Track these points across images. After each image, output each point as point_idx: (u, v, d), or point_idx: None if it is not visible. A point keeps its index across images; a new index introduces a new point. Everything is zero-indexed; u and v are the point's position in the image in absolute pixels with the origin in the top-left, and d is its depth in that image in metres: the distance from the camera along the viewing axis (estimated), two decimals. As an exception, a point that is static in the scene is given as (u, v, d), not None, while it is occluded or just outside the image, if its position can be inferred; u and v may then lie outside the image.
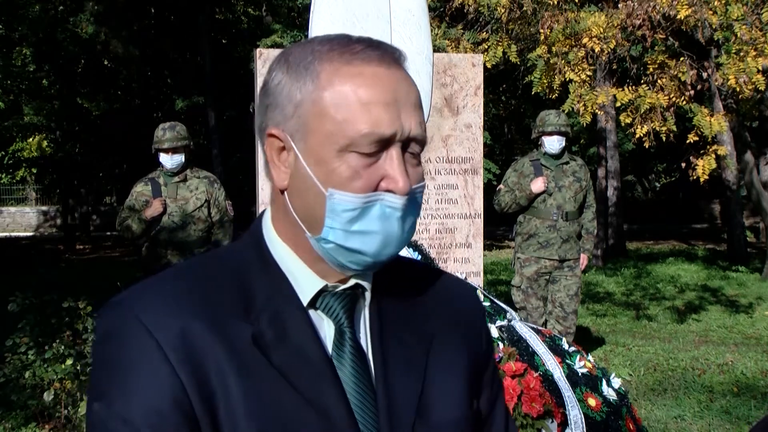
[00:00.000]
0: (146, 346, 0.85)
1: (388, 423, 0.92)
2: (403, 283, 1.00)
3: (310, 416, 0.87)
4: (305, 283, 0.93)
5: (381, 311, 0.97)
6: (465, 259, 4.58)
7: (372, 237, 0.88)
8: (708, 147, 7.01)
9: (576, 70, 6.70)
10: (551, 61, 6.78)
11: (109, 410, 0.85)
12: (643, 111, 6.77)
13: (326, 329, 0.93)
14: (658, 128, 6.81)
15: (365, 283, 0.95)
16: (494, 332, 3.24)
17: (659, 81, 6.95)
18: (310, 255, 0.93)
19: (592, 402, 3.04)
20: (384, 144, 0.87)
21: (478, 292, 3.59)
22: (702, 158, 6.95)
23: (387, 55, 0.90)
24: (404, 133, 0.88)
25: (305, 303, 0.92)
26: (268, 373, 0.87)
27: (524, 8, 6.90)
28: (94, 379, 0.88)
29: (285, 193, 0.93)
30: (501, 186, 5.73)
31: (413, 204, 0.91)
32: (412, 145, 0.90)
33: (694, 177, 7.01)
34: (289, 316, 0.91)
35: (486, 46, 7.32)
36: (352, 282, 0.94)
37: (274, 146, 0.92)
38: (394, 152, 0.88)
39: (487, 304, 3.49)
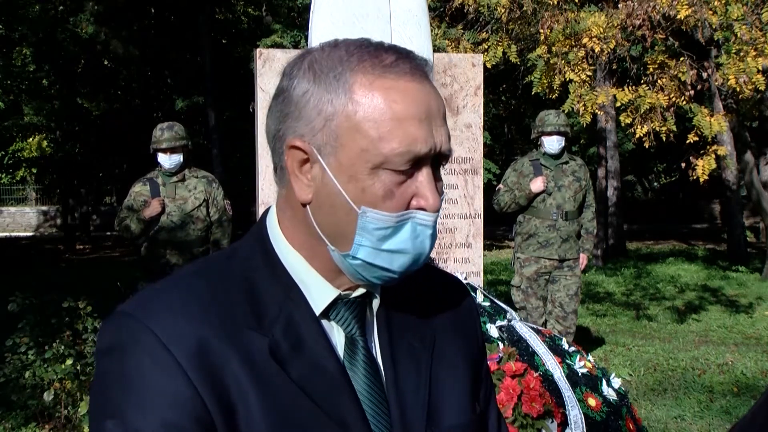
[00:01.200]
0: (162, 360, 0.82)
1: None
2: (406, 286, 0.99)
3: (328, 428, 0.86)
4: (318, 292, 0.91)
5: (389, 318, 0.96)
6: (465, 259, 4.58)
7: (402, 256, 0.88)
8: (708, 147, 7.01)
9: (576, 70, 6.70)
10: (551, 61, 6.78)
11: (125, 429, 0.81)
12: (643, 111, 6.77)
13: (336, 337, 0.92)
14: (658, 128, 6.80)
15: (375, 290, 0.95)
16: (494, 332, 3.24)
17: (659, 81, 6.95)
18: (325, 265, 0.91)
19: (592, 402, 3.04)
20: (418, 161, 0.86)
21: (479, 292, 3.59)
22: (702, 158, 6.95)
23: (418, 68, 0.88)
24: (436, 149, 0.87)
25: (318, 312, 0.91)
26: (286, 386, 0.86)
27: (524, 8, 6.89)
28: (104, 395, 0.84)
29: (308, 206, 0.89)
30: (500, 186, 5.73)
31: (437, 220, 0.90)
32: (441, 160, 0.89)
33: (694, 177, 7.01)
34: (304, 327, 0.89)
35: (486, 46, 7.31)
36: (361, 291, 0.93)
37: (296, 158, 0.88)
38: (425, 170, 0.87)
39: (487, 304, 3.49)
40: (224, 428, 0.82)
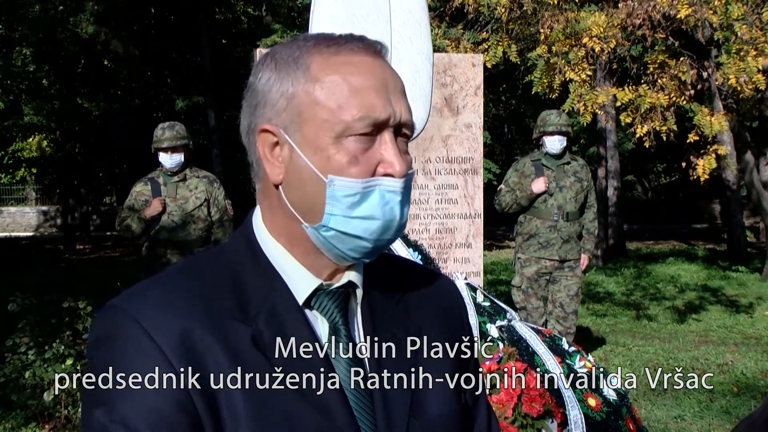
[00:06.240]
0: (147, 350, 0.85)
1: (384, 421, 0.93)
2: (391, 280, 1.02)
3: (312, 416, 0.88)
4: (300, 282, 0.93)
5: (372, 308, 0.98)
6: (465, 259, 4.58)
7: (372, 222, 0.89)
8: (708, 147, 7.01)
9: (576, 70, 6.70)
10: (551, 61, 6.78)
11: (111, 416, 0.83)
12: (643, 111, 6.77)
13: (321, 328, 0.94)
14: (658, 128, 6.81)
15: (357, 281, 0.96)
16: (494, 332, 3.24)
17: (659, 81, 6.95)
18: (304, 251, 0.93)
19: (592, 402, 3.04)
20: (378, 128, 0.89)
21: (479, 292, 3.59)
22: (702, 158, 6.95)
23: (371, 46, 0.93)
24: (396, 117, 0.90)
25: (300, 302, 0.93)
26: (269, 374, 0.88)
27: (524, 8, 6.89)
28: (93, 385, 0.86)
29: (279, 187, 0.93)
30: (502, 186, 5.72)
31: (407, 189, 0.92)
32: (403, 131, 0.92)
33: (694, 177, 7.01)
34: (287, 316, 0.91)
35: (486, 46, 7.32)
36: (344, 280, 0.95)
37: (267, 142, 0.93)
38: (387, 137, 0.90)
39: (487, 304, 3.49)
40: (206, 414, 0.85)
